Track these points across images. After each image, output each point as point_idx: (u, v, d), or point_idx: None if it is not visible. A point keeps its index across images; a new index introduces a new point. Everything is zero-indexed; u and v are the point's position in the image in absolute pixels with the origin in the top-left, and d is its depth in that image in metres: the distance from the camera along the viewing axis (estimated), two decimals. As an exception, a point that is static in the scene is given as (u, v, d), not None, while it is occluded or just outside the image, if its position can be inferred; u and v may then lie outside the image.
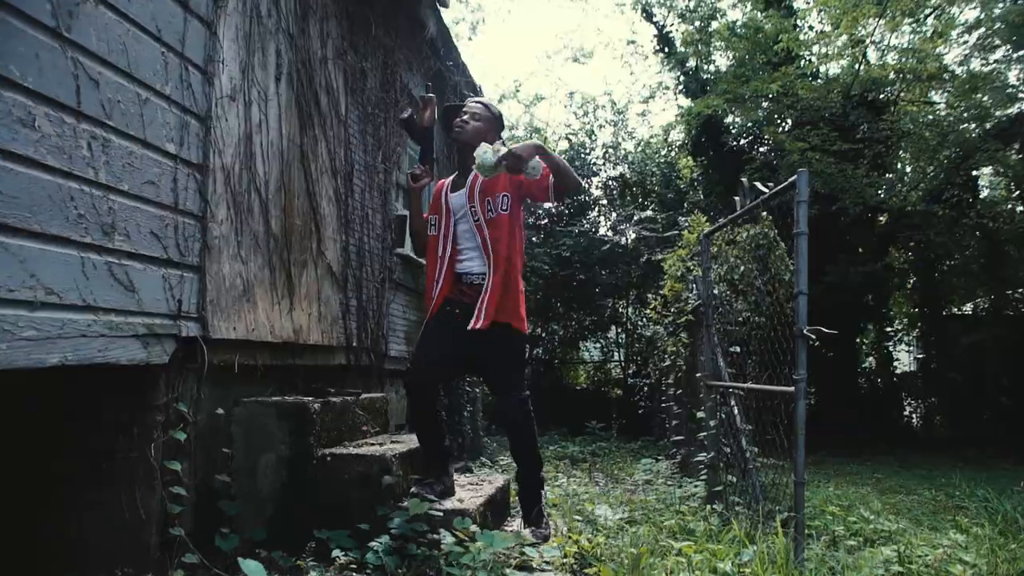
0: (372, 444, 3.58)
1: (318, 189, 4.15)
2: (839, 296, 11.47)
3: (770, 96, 9.54)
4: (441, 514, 3.00)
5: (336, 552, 2.84)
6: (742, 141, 11.98)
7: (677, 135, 13.31)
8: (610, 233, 13.54)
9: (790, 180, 3.33)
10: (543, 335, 14.45)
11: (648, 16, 12.27)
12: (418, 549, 2.86)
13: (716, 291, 5.33)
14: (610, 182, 13.76)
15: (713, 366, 4.63)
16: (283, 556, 2.96)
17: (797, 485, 3.09)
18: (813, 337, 3.14)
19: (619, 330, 14.21)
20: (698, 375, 5.40)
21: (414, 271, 6.04)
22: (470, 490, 3.64)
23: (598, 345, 15.24)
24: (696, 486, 5.13)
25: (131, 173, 2.54)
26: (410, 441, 3.77)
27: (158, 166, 2.70)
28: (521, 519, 3.52)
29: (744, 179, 5.17)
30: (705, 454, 4.65)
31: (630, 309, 13.11)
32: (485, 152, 2.91)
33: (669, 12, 11.95)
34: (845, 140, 9.53)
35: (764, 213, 6.86)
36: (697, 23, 11.26)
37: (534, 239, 12.49)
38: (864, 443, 11.06)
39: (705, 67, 11.91)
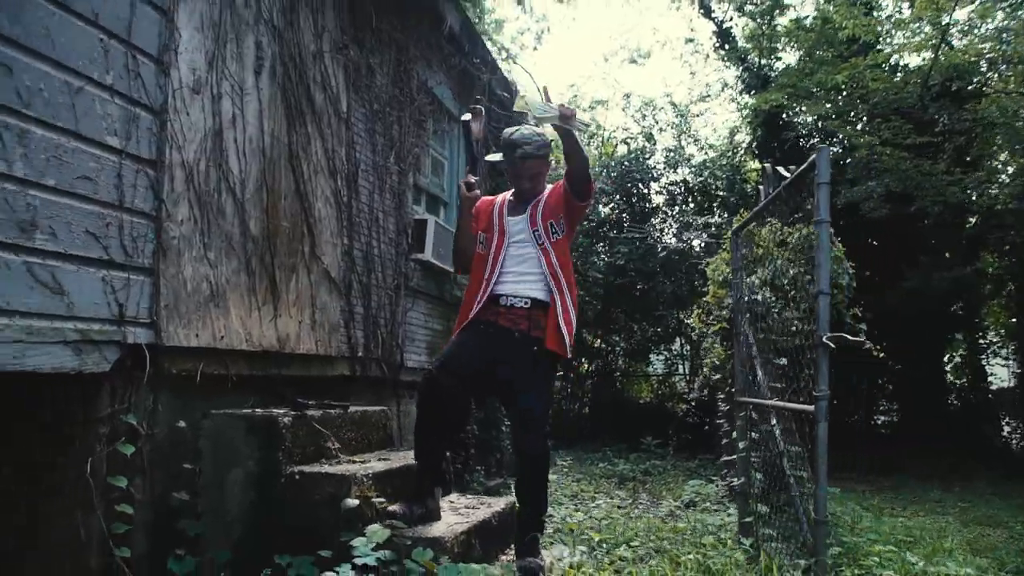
0: (355, 462, 3.36)
1: (311, 189, 3.98)
2: (922, 303, 10.69)
3: (837, 89, 8.95)
4: (409, 542, 2.74)
5: (289, 581, 2.62)
6: (812, 140, 11.36)
7: (743, 136, 12.75)
8: (672, 240, 13.06)
9: (809, 160, 2.94)
10: (603, 347, 14.06)
11: (707, 12, 11.79)
12: (381, 580, 2.61)
13: (759, 297, 4.90)
14: (671, 187, 13.27)
15: (743, 379, 4.22)
16: (237, 582, 2.76)
17: (818, 524, 2.69)
18: (833, 345, 2.73)
19: (683, 341, 13.68)
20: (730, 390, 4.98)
21: (437, 278, 5.82)
22: (462, 514, 3.37)
23: (662, 357, 14.75)
24: (730, 515, 4.71)
25: (58, 167, 2.40)
26: (401, 459, 3.54)
27: (96, 160, 2.55)
28: (517, 558, 3.22)
29: (766, 164, 4.74)
30: (737, 479, 4.23)
31: (695, 319, 12.59)
32: (541, 106, 2.94)
33: (728, 6, 11.46)
34: (922, 134, 8.84)
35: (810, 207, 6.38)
36: (759, 16, 10.74)
37: (587, 245, 12.14)
38: (953, 467, 10.22)
39: (768, 62, 11.35)
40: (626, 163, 12.85)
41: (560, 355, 3.19)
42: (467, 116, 3.37)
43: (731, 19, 11.65)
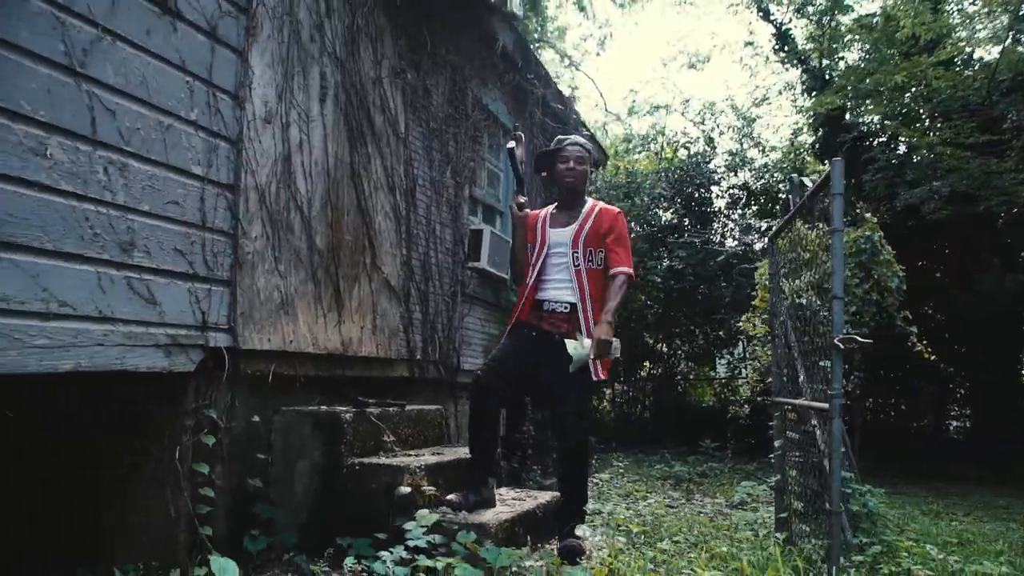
0: (410, 455, 3.67)
1: (372, 205, 4.32)
2: (994, 306, 10.43)
3: (898, 88, 8.86)
4: (456, 527, 3.03)
5: (349, 560, 2.94)
6: (877, 140, 11.20)
7: (805, 137, 12.66)
8: (732, 243, 13.05)
9: (825, 173, 3.10)
10: (664, 350, 14.12)
11: (765, 15, 11.77)
12: (430, 560, 2.89)
13: (804, 300, 5.01)
14: (732, 190, 13.27)
15: (779, 381, 4.35)
16: (305, 560, 3.09)
17: (832, 515, 2.84)
18: (842, 347, 2.88)
19: (745, 344, 13.63)
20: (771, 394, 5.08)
21: (494, 285, 6.12)
22: (508, 505, 3.64)
23: (724, 361, 14.71)
24: (770, 512, 4.83)
25: (152, 194, 2.78)
26: (453, 454, 3.83)
27: (182, 187, 2.93)
28: (559, 541, 3.48)
29: (794, 175, 4.86)
30: (773, 477, 4.37)
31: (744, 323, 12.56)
32: (576, 350, 3.33)
33: (788, 8, 11.42)
34: (989, 132, 8.67)
35: (869, 215, 6.41)
36: (818, 17, 10.67)
37: (646, 250, 12.25)
38: (1029, 475, 9.93)
39: (829, 63, 11.26)
40: (686, 167, 12.91)
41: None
42: (511, 144, 3.64)
43: (790, 21, 11.61)
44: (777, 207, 13.08)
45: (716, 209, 13.47)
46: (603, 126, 22.16)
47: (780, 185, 13.11)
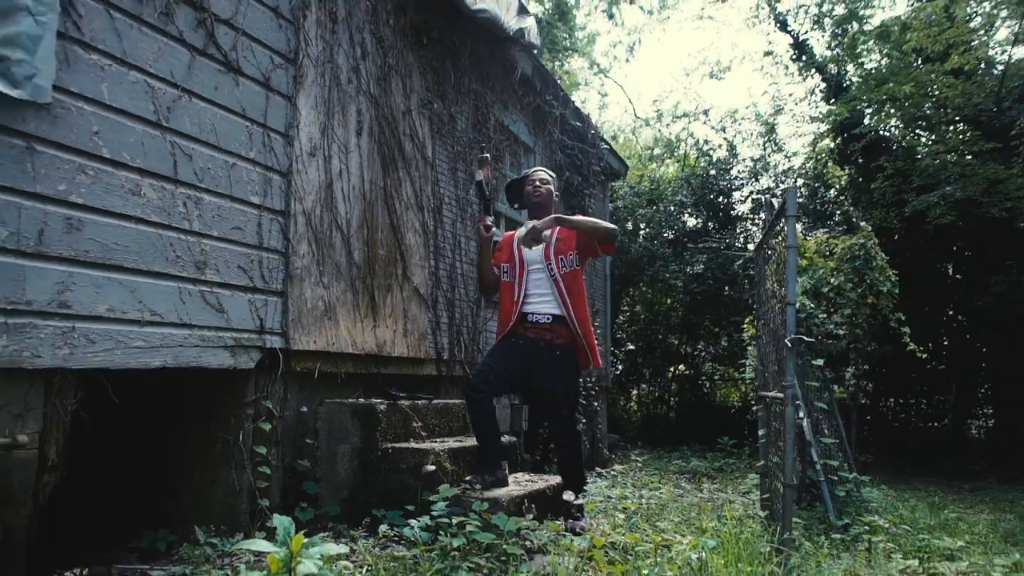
0: (436, 441, 4.22)
1: (403, 223, 4.89)
2: (1015, 307, 10.65)
3: (907, 97, 9.19)
4: (472, 500, 3.56)
5: (383, 527, 3.49)
6: (893, 146, 11.50)
7: (825, 143, 12.97)
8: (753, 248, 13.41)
9: (783, 197, 3.57)
10: (688, 352, 14.52)
11: (782, 26, 12.15)
12: (449, 531, 3.44)
13: (796, 304, 5.45)
14: (755, 195, 13.64)
15: (761, 377, 4.80)
16: (346, 528, 3.66)
17: (786, 488, 3.31)
18: (791, 346, 3.35)
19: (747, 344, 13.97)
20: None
21: (515, 291, 6.65)
22: (521, 485, 4.16)
23: (750, 362, 15.02)
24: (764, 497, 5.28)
25: (220, 221, 3.38)
26: (473, 441, 4.37)
27: (243, 215, 3.52)
28: (563, 518, 4.01)
29: (764, 196, 5.30)
30: (760, 461, 4.83)
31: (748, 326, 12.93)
32: (520, 232, 3.93)
33: (804, 18, 11.79)
34: (997, 139, 8.96)
35: (864, 224, 6.82)
36: (833, 28, 11.03)
37: (669, 255, 12.68)
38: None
39: (844, 72, 11.60)
40: (708, 175, 13.32)
41: (577, 358, 3.97)
42: (479, 176, 4.16)
43: (807, 32, 11.98)
44: (800, 213, 13.42)
45: (739, 213, 13.86)
46: (633, 131, 22.60)
47: (802, 189, 13.45)
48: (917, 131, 10.90)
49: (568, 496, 3.72)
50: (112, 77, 2.87)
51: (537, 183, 4.15)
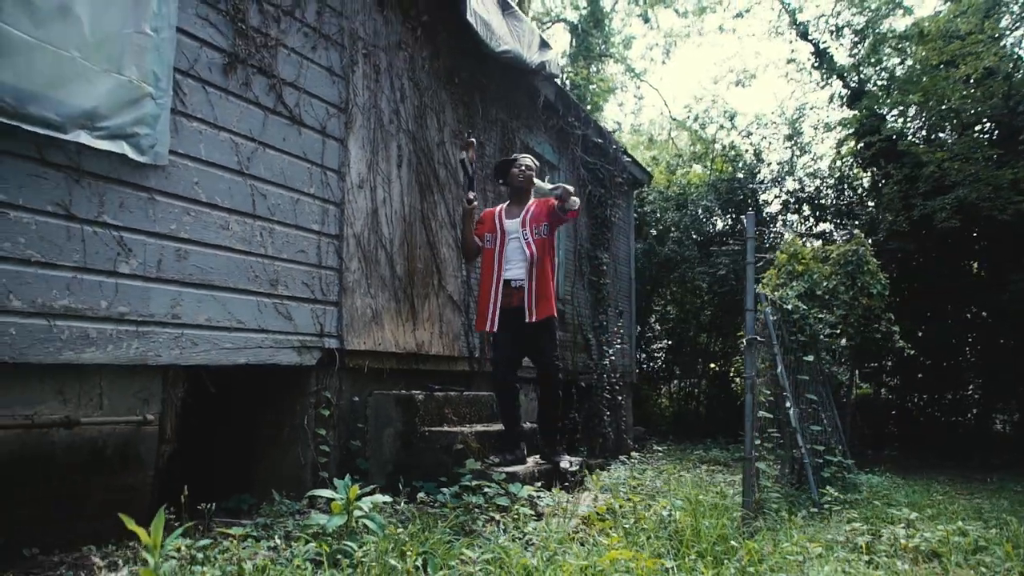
0: (464, 427, 4.99)
1: (438, 240, 5.67)
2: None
3: (914, 105, 9.64)
4: (494, 474, 4.32)
5: (420, 495, 4.27)
6: (912, 148, 11.88)
7: (850, 146, 13.41)
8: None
9: (746, 219, 4.22)
10: (719, 350, 15.06)
11: (803, 35, 12.63)
12: (472, 495, 4.20)
13: (789, 306, 6.09)
14: (780, 198, 14.14)
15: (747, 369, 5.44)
16: (391, 495, 4.44)
17: (746, 461, 3.98)
18: (745, 343, 4.01)
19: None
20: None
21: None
22: (538, 464, 4.89)
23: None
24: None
25: (288, 246, 4.19)
26: (498, 427, 5.13)
27: (306, 240, 4.34)
28: (545, 450, 4.87)
29: (749, 213, 5.91)
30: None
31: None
32: (542, 185, 4.67)
33: (824, 29, 12.27)
34: (1007, 144, 9.37)
35: (857, 231, 7.38)
36: (851, 37, 11.50)
37: (696, 258, 13.24)
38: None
39: (863, 78, 12.05)
40: (735, 178, 13.85)
41: (552, 316, 4.66)
42: (462, 155, 4.84)
43: (826, 41, 12.46)
44: (828, 213, 13.89)
45: (766, 216, 14.36)
46: (668, 132, 23.09)
47: (830, 191, 13.90)
48: (937, 134, 11.30)
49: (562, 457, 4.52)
50: (207, 138, 3.69)
51: (524, 168, 4.80)
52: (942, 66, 10.32)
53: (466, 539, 3.23)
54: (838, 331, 6.28)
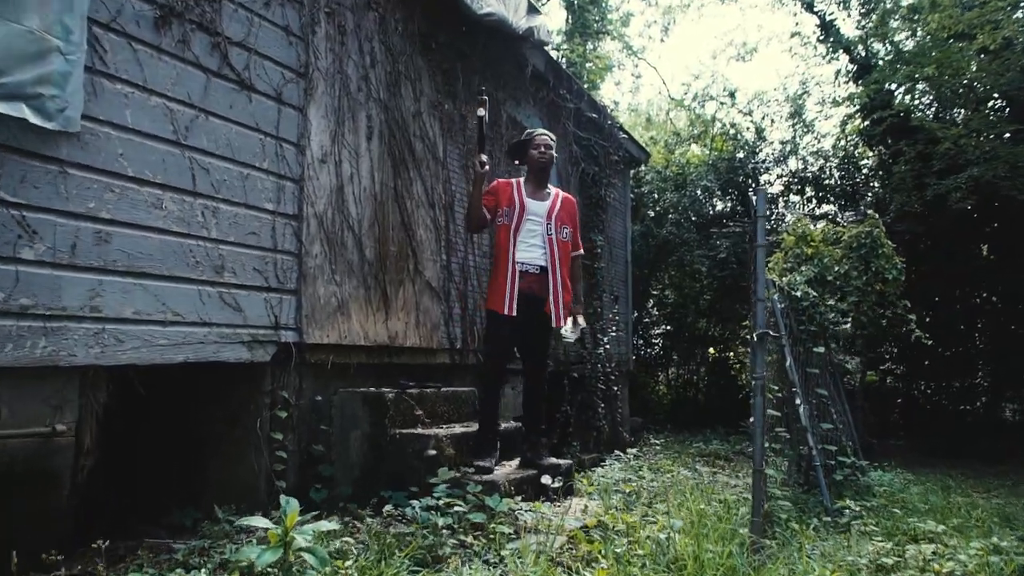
0: (443, 427, 4.54)
1: (414, 220, 5.20)
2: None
3: (929, 79, 9.14)
4: (470, 483, 3.88)
5: (388, 507, 3.83)
6: (916, 129, 11.36)
7: (855, 123, 12.91)
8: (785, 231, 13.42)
9: (755, 197, 3.77)
10: (717, 335, 14.64)
11: (808, 6, 12.10)
12: (442, 516, 3.76)
13: (798, 293, 5.63)
14: (783, 178, 13.65)
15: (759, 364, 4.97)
16: (356, 507, 4.01)
17: (755, 473, 3.55)
18: (754, 339, 3.55)
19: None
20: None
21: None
22: (520, 469, 4.44)
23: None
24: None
25: (236, 228, 3.72)
26: (474, 426, 4.68)
27: (258, 221, 3.86)
28: (528, 454, 4.46)
29: (754, 188, 5.46)
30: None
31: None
32: (566, 333, 4.39)
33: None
34: (1022, 121, 8.88)
35: (871, 212, 6.93)
36: (860, 7, 10.97)
37: (696, 240, 12.79)
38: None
39: (872, 52, 11.53)
40: (735, 158, 13.36)
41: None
42: (481, 112, 4.32)
43: (833, 13, 11.93)
44: (831, 195, 13.41)
45: (768, 196, 13.88)
46: (667, 112, 22.55)
47: (833, 171, 13.41)
48: (947, 111, 10.81)
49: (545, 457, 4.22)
50: (135, 103, 3.21)
51: (543, 148, 4.41)
52: (951, 40, 9.82)
53: (429, 573, 2.80)
54: (849, 319, 5.83)
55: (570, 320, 4.35)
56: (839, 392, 5.95)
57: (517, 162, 4.68)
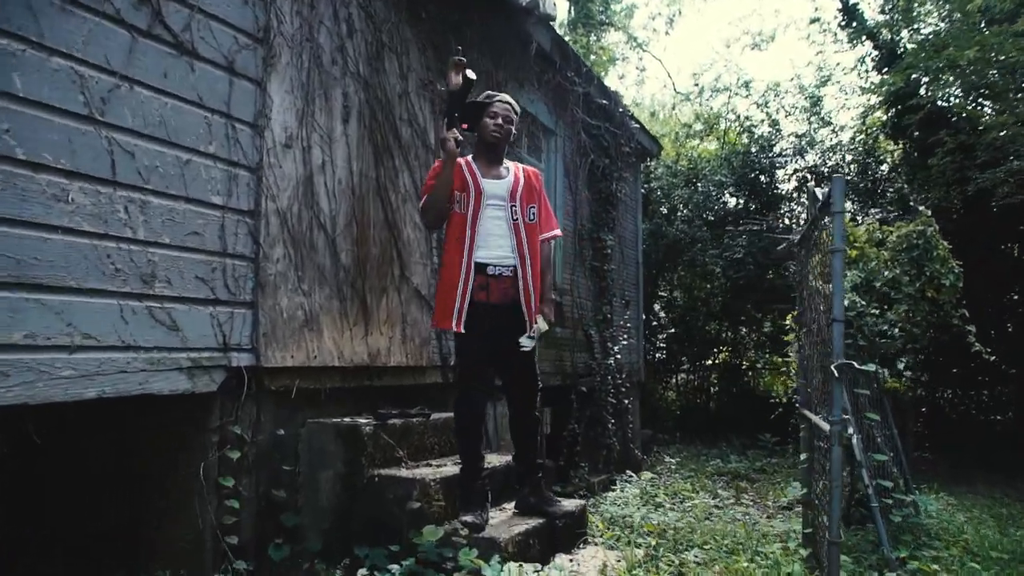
0: (432, 465, 3.82)
1: (399, 217, 4.48)
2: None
3: (971, 63, 8.39)
4: (465, 542, 3.16)
5: (363, 570, 3.12)
6: (952, 119, 10.65)
7: (877, 116, 12.17)
8: (800, 230, 12.69)
9: (828, 187, 3.06)
10: (730, 338, 13.94)
11: (831, -12, 11.38)
12: (437, 573, 3.05)
13: (846, 302, 4.91)
14: (799, 174, 12.91)
15: (804, 392, 4.29)
16: (325, 568, 3.30)
17: (830, 546, 2.82)
18: (836, 374, 2.84)
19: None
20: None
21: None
22: (525, 519, 3.69)
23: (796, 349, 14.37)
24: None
25: (172, 227, 3.00)
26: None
27: (202, 218, 3.14)
28: (531, 498, 3.73)
29: (809, 185, 4.75)
30: (802, 489, 4.32)
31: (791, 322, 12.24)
32: (532, 338, 3.51)
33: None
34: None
35: (923, 208, 6.20)
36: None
37: (708, 239, 12.08)
38: None
39: (899, 38, 10.80)
40: (749, 152, 12.64)
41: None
42: (457, 78, 3.40)
43: (857, -5, 11.20)
44: (850, 192, 12.67)
45: (783, 193, 13.15)
46: (673, 107, 21.82)
47: (852, 166, 12.68)
48: (980, 101, 10.06)
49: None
50: (27, 65, 2.48)
51: (501, 120, 3.55)
52: (984, 25, 9.09)
53: None
54: (897, 332, 5.10)
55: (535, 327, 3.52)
56: (887, 414, 5.24)
57: (466, 127, 3.64)
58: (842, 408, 2.80)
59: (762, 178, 12.53)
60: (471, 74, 3.40)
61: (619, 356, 7.84)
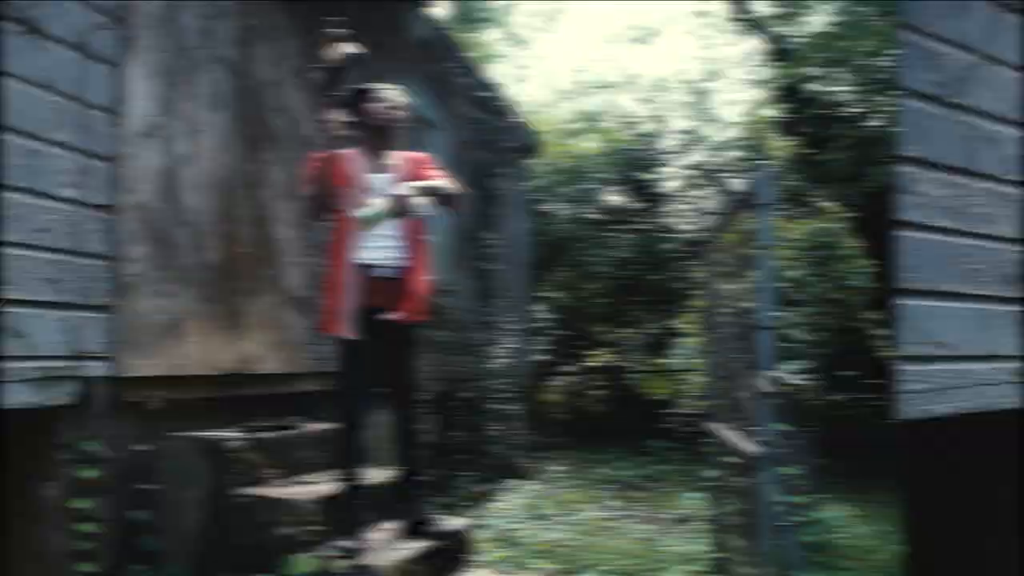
0: (302, 487, 3.74)
1: (273, 215, 4.41)
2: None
3: (868, 55, 8.91)
4: (344, 570, 3.16)
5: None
6: (850, 111, 11.18)
7: (767, 112, 12.86)
8: (688, 228, 13.30)
9: (752, 181, 3.26)
10: (614, 341, 14.42)
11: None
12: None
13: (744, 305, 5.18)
14: (684, 171, 13.53)
15: (711, 400, 4.47)
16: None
17: None
18: (763, 391, 2.97)
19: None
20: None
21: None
22: (405, 536, 3.69)
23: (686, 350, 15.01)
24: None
25: (17, 224, 2.84)
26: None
27: (50, 213, 2.99)
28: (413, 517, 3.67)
29: (725, 181, 5.04)
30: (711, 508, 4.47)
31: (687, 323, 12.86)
32: (370, 209, 3.27)
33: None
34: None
35: (828, 204, 6.57)
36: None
37: (593, 238, 12.47)
38: None
39: (791, 30, 11.41)
40: (632, 149, 13.13)
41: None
42: (337, 53, 3.39)
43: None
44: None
45: (668, 191, 13.73)
46: (554, 105, 22.28)
47: (739, 164, 13.35)
48: (874, 96, 10.68)
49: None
50: None
51: (390, 105, 3.56)
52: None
53: None
54: (806, 337, 5.35)
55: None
56: (794, 422, 5.57)
57: (350, 113, 3.58)
58: (775, 431, 2.94)
59: (646, 176, 13.04)
60: (354, 48, 3.34)
61: (503, 359, 7.98)
